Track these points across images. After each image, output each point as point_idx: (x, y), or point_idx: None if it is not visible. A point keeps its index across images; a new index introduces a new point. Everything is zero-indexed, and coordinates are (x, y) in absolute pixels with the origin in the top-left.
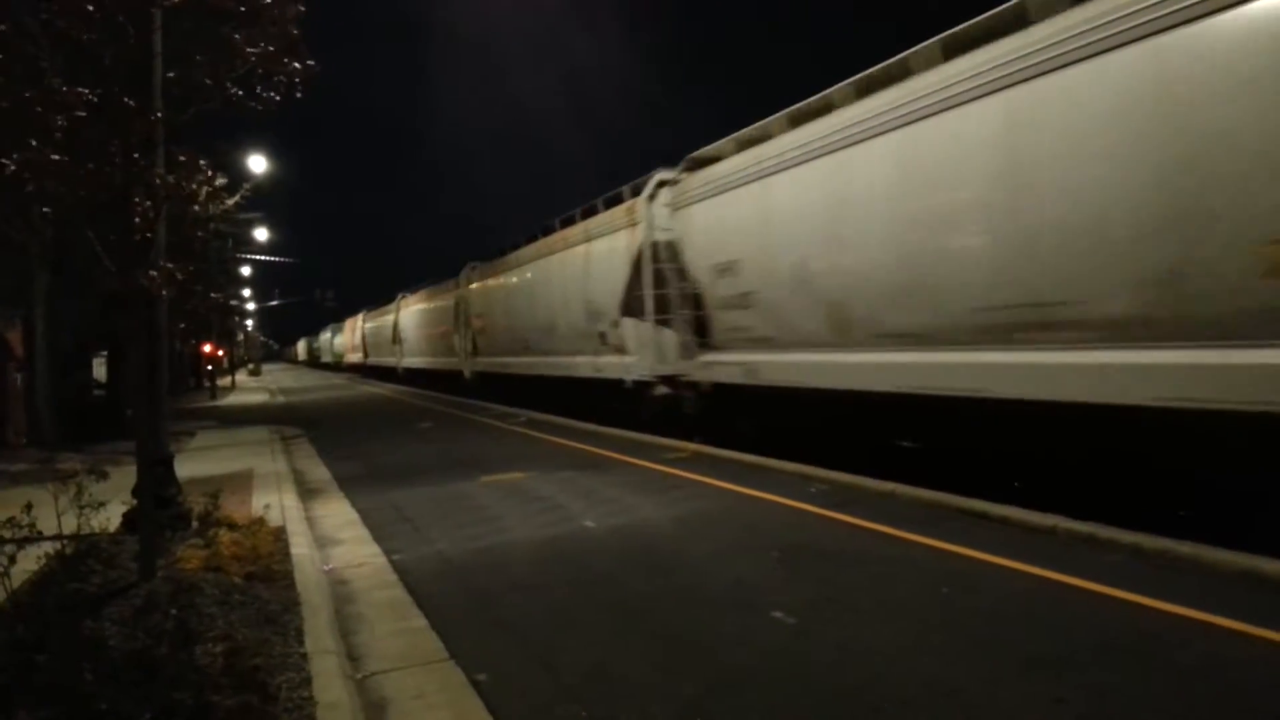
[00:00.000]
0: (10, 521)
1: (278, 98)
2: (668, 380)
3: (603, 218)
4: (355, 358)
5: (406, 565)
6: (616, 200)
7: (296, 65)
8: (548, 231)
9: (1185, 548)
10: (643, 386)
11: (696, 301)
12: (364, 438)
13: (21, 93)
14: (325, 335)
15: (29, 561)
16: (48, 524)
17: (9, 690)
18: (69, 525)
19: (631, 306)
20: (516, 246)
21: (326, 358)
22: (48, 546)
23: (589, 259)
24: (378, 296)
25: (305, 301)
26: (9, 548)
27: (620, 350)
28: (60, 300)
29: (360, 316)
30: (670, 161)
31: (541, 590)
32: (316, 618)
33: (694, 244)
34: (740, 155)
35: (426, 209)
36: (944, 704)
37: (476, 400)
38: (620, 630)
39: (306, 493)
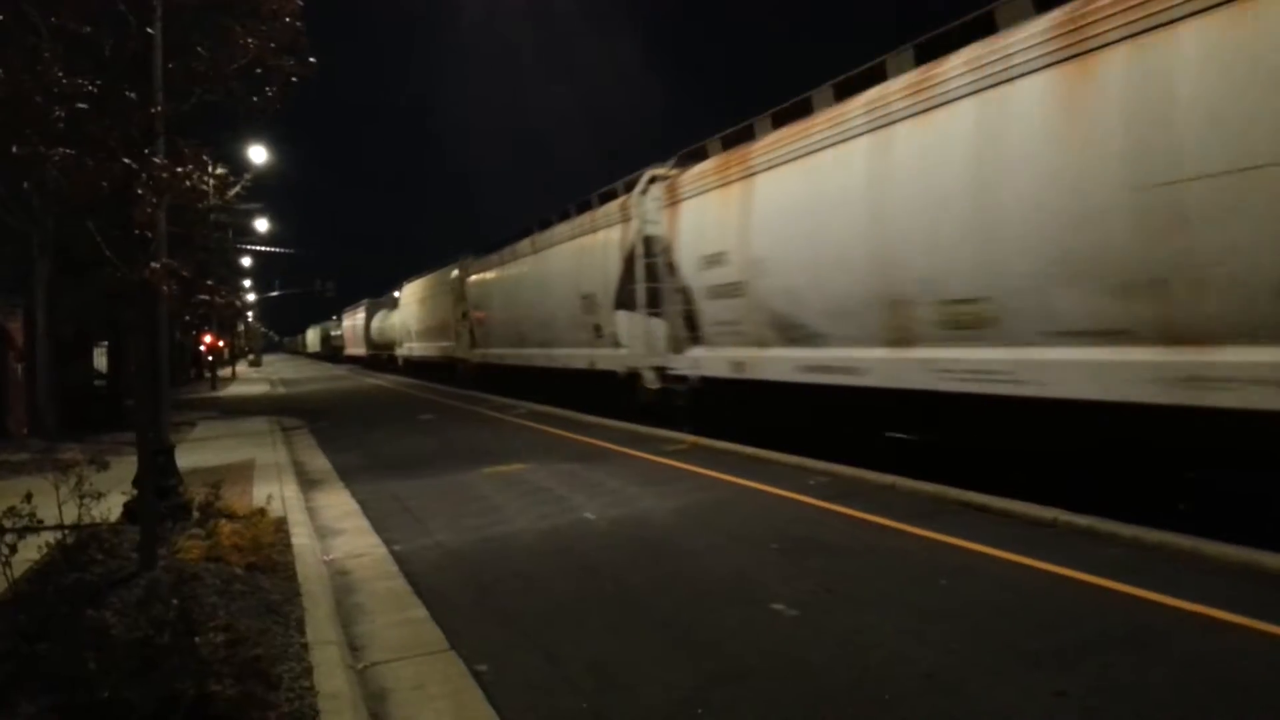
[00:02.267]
0: (11, 511)
1: (273, 94)
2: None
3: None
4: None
5: (407, 556)
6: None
7: (293, 62)
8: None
9: (1185, 541)
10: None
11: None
12: (365, 429)
13: (21, 83)
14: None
15: (30, 551)
16: (49, 514)
17: (12, 679)
18: (70, 515)
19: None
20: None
21: (356, 348)
22: (49, 536)
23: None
24: (378, 288)
25: (305, 292)
26: (10, 537)
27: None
28: (61, 290)
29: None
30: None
31: (542, 581)
32: (317, 608)
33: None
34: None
35: (426, 201)
36: (944, 696)
37: (475, 391)
38: (621, 621)
39: (307, 483)
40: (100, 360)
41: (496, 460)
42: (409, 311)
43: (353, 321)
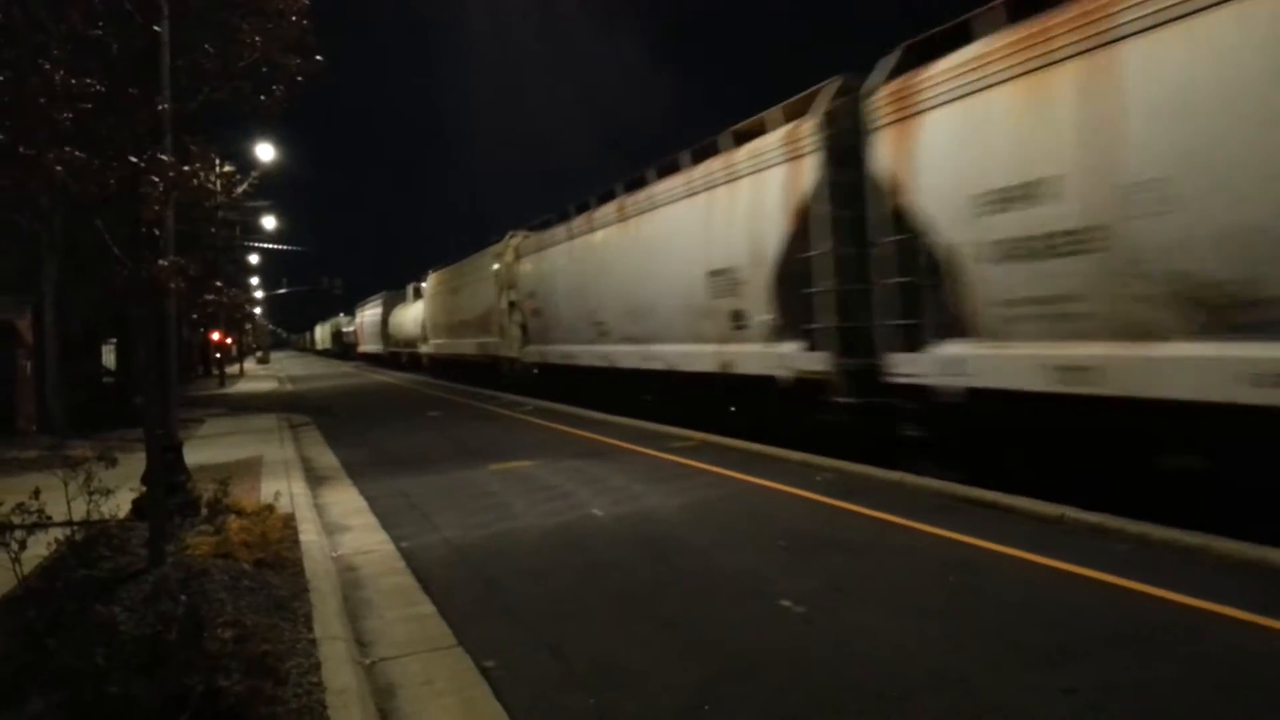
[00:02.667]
0: (20, 507)
1: (280, 92)
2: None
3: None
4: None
5: (414, 552)
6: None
7: (299, 61)
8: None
9: (1194, 538)
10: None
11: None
12: (372, 426)
13: (27, 84)
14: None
15: (39, 547)
16: (58, 510)
17: (22, 674)
18: (79, 511)
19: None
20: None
21: (370, 345)
22: (58, 533)
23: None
24: (387, 286)
25: (312, 290)
26: (19, 534)
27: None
28: (69, 288)
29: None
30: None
31: (549, 578)
32: (325, 604)
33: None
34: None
35: (432, 197)
36: (952, 694)
37: (484, 390)
38: (628, 618)
39: (315, 480)
40: (109, 357)
41: (504, 457)
42: (436, 304)
43: (367, 316)
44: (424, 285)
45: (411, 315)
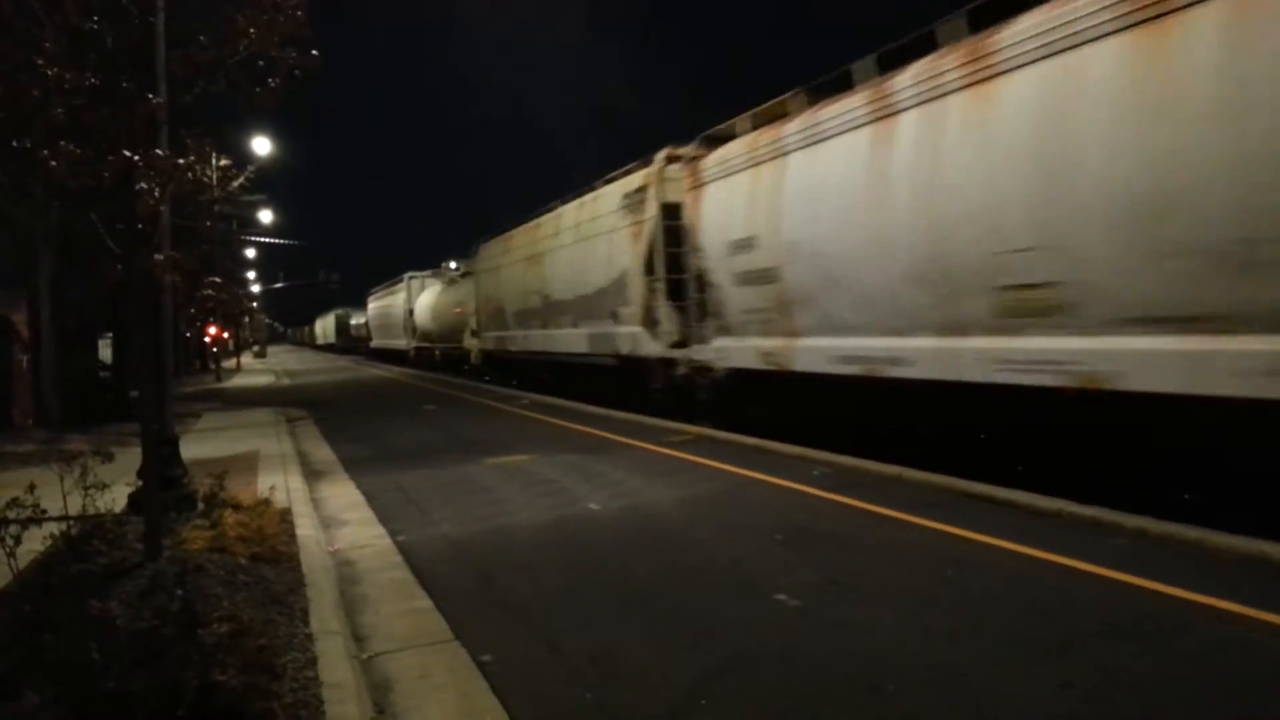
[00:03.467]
0: (15, 502)
1: (276, 85)
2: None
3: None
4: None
5: (411, 546)
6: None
7: (295, 55)
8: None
9: (1191, 532)
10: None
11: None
12: (369, 420)
13: (21, 79)
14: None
15: (34, 542)
16: (53, 505)
17: (17, 669)
18: (74, 506)
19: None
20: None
21: (389, 340)
22: (53, 527)
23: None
24: (381, 278)
25: (309, 283)
26: (15, 528)
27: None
28: (66, 281)
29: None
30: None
31: (546, 572)
32: (322, 598)
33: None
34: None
35: (429, 191)
36: (949, 687)
37: (481, 383)
38: (625, 612)
39: (311, 474)
40: (105, 351)
41: (501, 451)
42: (499, 282)
43: (385, 305)
44: (463, 264)
45: (450, 301)
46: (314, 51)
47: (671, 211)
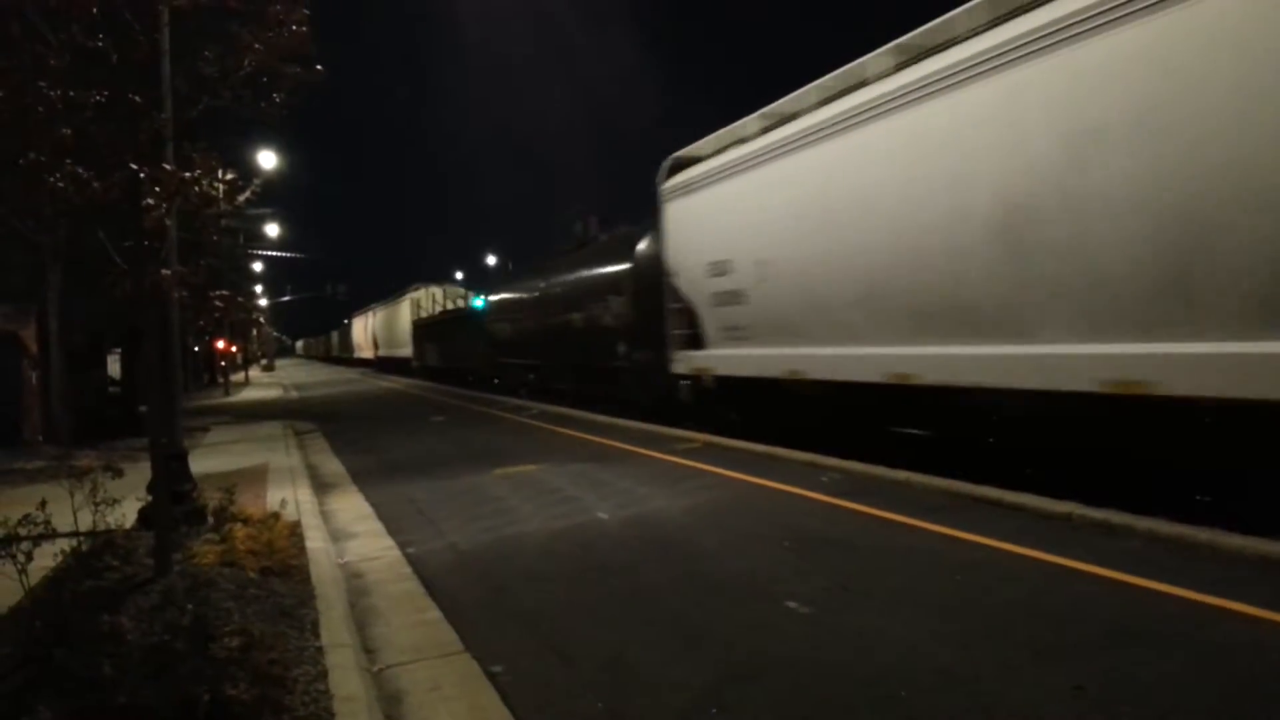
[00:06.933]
0: (27, 519)
1: (281, 100)
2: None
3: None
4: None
5: (421, 558)
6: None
7: (299, 70)
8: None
9: (1202, 534)
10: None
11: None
12: (377, 432)
13: (25, 97)
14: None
15: (46, 558)
16: (64, 521)
17: (29, 684)
18: (85, 522)
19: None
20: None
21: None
22: (64, 543)
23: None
24: (388, 290)
25: (316, 296)
26: (26, 544)
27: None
28: (74, 297)
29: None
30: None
31: (556, 581)
32: (332, 611)
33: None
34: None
35: (433, 203)
36: (961, 693)
37: (488, 394)
38: (635, 621)
39: (321, 487)
40: (114, 367)
41: (508, 461)
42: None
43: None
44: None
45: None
46: (319, 67)
47: None
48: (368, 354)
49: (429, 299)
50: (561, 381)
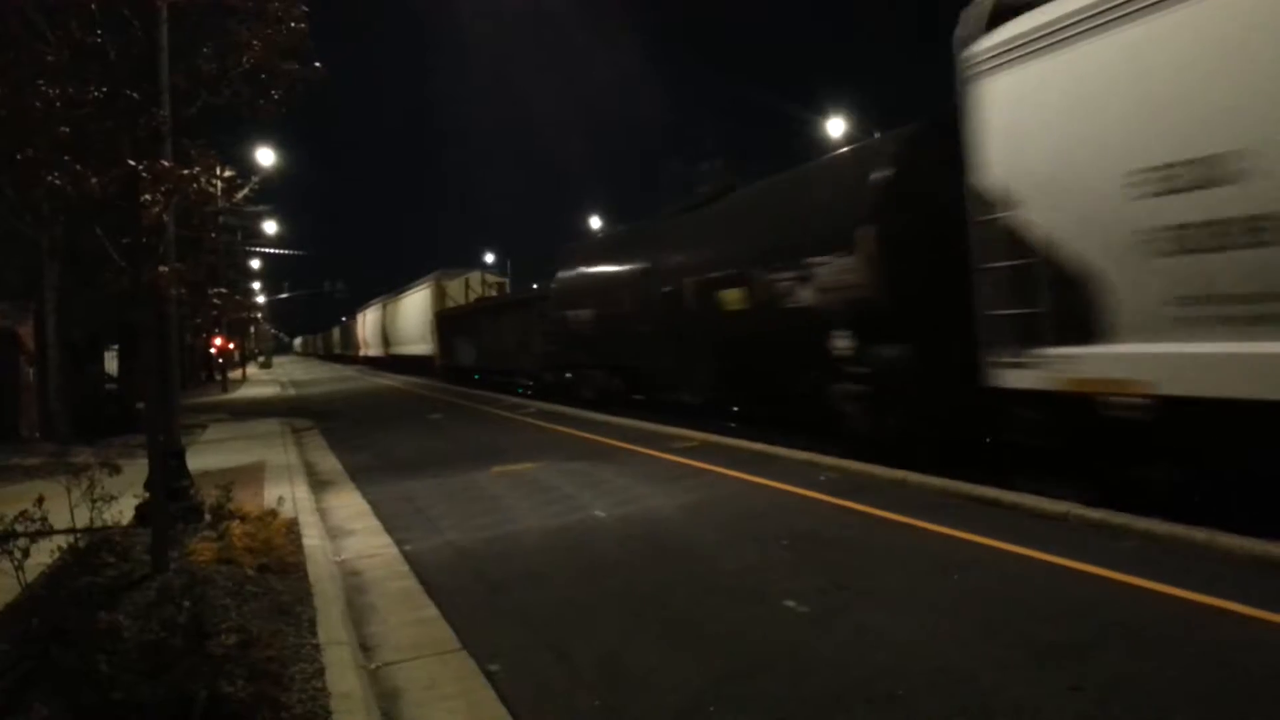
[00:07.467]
0: (23, 515)
1: (279, 97)
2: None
3: None
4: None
5: (418, 555)
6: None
7: (297, 67)
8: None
9: (1199, 534)
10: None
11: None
12: (374, 429)
13: (24, 97)
14: None
15: (42, 555)
16: (61, 517)
17: (26, 681)
18: (82, 519)
19: None
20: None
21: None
22: (61, 540)
23: None
24: (387, 287)
25: (314, 293)
26: (23, 541)
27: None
28: (71, 294)
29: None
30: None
31: (553, 580)
32: (329, 609)
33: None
34: None
35: (431, 200)
36: (959, 692)
37: (487, 391)
38: (632, 619)
39: (318, 484)
40: (112, 364)
41: (506, 459)
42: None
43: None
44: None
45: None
46: (316, 64)
47: None
48: (375, 351)
49: (460, 287)
50: (696, 392)
